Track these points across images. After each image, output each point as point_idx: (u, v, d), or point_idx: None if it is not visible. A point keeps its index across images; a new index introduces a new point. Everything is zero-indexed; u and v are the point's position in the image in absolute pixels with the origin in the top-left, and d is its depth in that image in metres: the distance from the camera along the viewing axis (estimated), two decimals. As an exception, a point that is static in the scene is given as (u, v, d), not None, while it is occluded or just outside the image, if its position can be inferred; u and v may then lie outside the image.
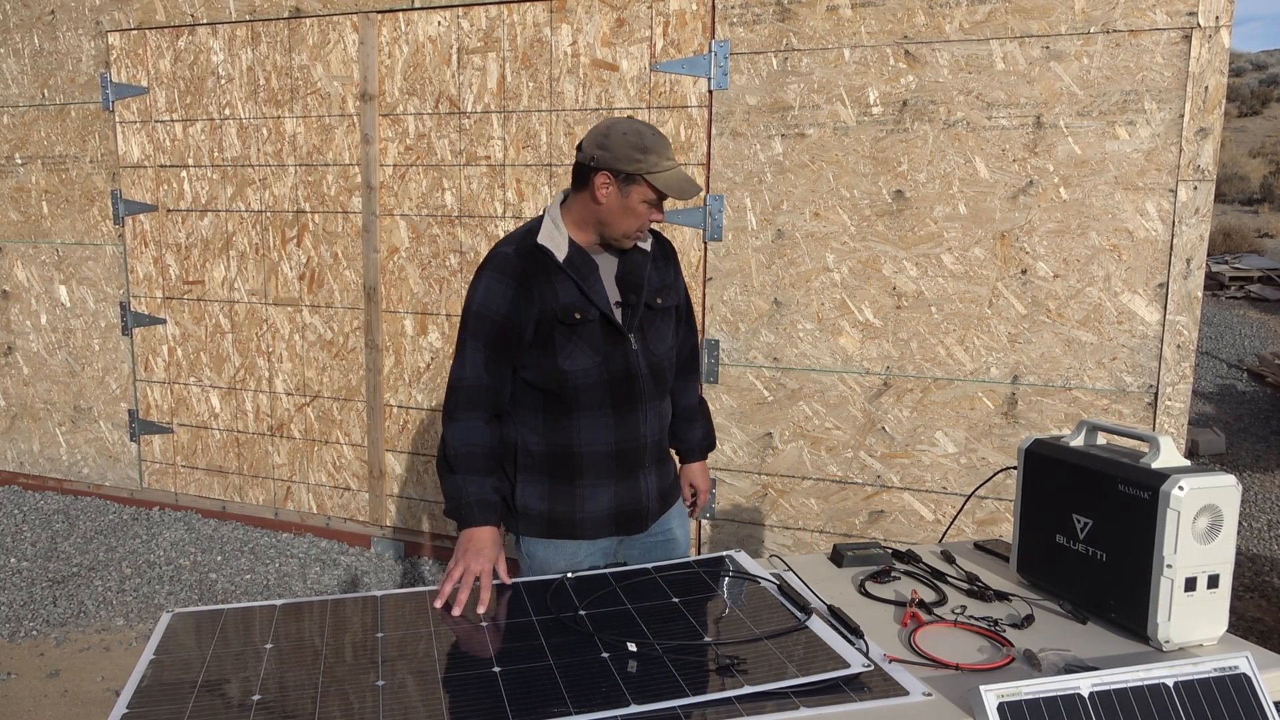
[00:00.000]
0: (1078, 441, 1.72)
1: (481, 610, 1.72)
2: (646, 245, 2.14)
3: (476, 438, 2.00)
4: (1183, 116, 3.05)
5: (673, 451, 2.36)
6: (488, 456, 2.02)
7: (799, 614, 1.58)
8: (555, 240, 2.02)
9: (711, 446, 2.43)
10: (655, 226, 2.61)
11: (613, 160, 1.94)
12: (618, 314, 2.06)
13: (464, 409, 2.01)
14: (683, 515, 2.32)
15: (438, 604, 1.75)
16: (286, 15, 4.28)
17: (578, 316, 2.00)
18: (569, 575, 1.82)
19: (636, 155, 1.93)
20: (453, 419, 2.01)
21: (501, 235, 4.03)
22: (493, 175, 4.02)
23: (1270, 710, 1.29)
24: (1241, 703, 1.28)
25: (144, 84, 4.62)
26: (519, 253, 2.01)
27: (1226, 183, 19.07)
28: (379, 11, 4.11)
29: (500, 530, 2.04)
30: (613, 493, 2.11)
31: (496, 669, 1.42)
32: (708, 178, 3.65)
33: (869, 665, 1.39)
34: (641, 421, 2.11)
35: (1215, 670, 1.30)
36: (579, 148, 2.03)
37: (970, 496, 2.66)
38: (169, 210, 4.68)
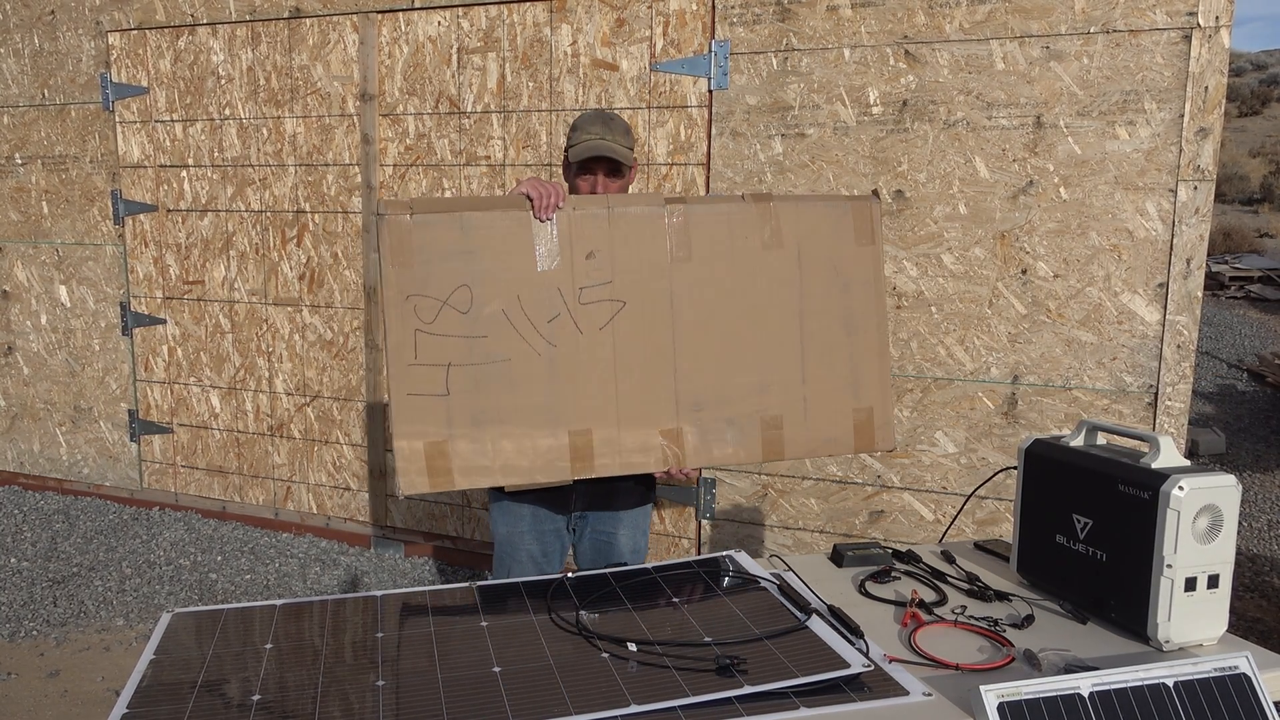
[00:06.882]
0: (1078, 441, 1.72)
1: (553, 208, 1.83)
2: None
3: None
4: (1183, 116, 3.05)
5: None
6: None
7: (799, 614, 1.58)
8: None
9: None
10: None
11: (567, 146, 2.31)
12: None
13: None
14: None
15: (543, 216, 1.81)
16: (286, 15, 4.28)
17: None
18: (569, 575, 1.82)
19: (570, 137, 2.27)
20: None
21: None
22: (493, 175, 4.02)
23: (1270, 710, 1.29)
24: (1241, 703, 1.29)
25: (144, 84, 4.62)
26: None
27: (1226, 183, 19.06)
28: (379, 11, 4.11)
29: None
30: None
31: (496, 669, 1.42)
32: (708, 178, 3.65)
33: (869, 665, 1.39)
34: None
35: (1215, 670, 1.30)
36: None
37: (970, 496, 2.66)
38: (169, 210, 4.68)
